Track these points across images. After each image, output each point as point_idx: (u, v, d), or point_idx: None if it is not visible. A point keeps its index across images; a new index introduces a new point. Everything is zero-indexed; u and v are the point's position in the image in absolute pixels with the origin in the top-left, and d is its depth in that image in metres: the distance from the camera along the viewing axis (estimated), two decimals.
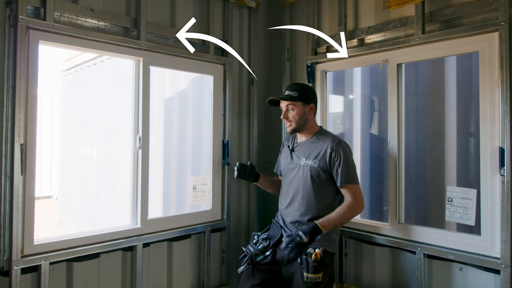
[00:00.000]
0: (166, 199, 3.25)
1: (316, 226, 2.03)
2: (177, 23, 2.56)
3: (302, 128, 2.24)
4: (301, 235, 2.00)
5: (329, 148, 2.13)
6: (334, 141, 2.15)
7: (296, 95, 2.19)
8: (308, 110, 2.23)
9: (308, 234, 2.00)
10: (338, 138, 2.19)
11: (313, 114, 2.26)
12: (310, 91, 2.28)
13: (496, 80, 1.96)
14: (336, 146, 2.12)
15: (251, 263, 2.19)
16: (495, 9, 1.97)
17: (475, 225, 2.05)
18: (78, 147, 4.91)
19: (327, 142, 2.16)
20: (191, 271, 2.63)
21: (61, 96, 5.61)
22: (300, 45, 2.92)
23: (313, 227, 2.04)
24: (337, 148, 2.12)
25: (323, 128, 2.36)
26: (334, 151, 2.11)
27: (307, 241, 2.00)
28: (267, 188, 2.54)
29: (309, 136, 2.26)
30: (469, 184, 2.36)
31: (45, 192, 8.38)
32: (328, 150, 2.13)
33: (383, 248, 2.40)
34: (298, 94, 2.19)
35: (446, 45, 2.15)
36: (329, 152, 2.12)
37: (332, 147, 2.12)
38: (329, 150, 2.12)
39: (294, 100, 2.20)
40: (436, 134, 2.59)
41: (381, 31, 2.43)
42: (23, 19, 1.88)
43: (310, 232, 2.01)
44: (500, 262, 1.90)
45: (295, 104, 2.21)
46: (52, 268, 2.01)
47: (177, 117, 3.33)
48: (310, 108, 2.23)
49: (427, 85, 2.65)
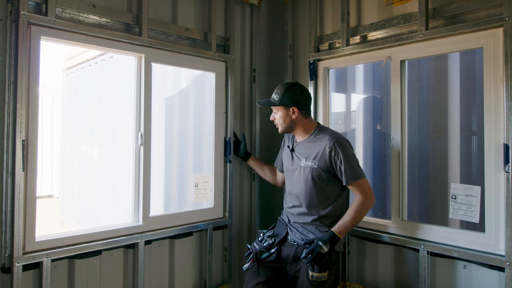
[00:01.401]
0: (168, 197, 3.24)
1: (334, 235, 2.01)
2: (179, 19, 2.55)
3: (291, 130, 2.25)
4: (321, 245, 1.96)
5: (328, 148, 2.09)
6: (332, 140, 2.10)
7: (277, 98, 2.20)
8: (292, 113, 2.18)
9: (327, 243, 1.97)
10: (336, 135, 2.14)
11: (300, 115, 2.19)
12: (293, 93, 2.17)
13: (500, 76, 1.95)
14: (334, 145, 2.07)
15: (256, 260, 2.18)
16: (499, 4, 1.95)
17: (479, 222, 2.04)
18: (79, 146, 4.91)
19: (325, 141, 2.12)
20: (193, 269, 2.62)
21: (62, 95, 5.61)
22: (303, 42, 2.90)
23: (331, 235, 2.01)
24: (335, 146, 2.07)
25: (321, 124, 2.32)
26: (333, 150, 2.07)
27: (327, 250, 1.96)
28: (256, 169, 2.75)
29: (306, 136, 2.23)
30: (473, 181, 2.35)
31: (46, 191, 8.38)
32: (327, 150, 2.09)
33: (386, 246, 2.38)
34: (278, 98, 2.20)
35: (450, 41, 2.14)
36: (328, 152, 2.08)
37: (331, 146, 2.08)
38: (328, 150, 2.09)
39: (274, 105, 2.23)
40: (440, 131, 2.57)
41: (384, 28, 2.42)
42: (25, 14, 1.87)
43: (329, 241, 1.99)
44: (504, 260, 1.89)
45: (277, 108, 2.24)
46: (54, 265, 2.00)
47: (178, 115, 3.32)
48: (293, 111, 2.18)
49: (431, 82, 2.64)
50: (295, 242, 2.16)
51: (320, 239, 1.99)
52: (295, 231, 2.18)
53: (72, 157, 5.11)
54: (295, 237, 2.17)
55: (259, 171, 2.74)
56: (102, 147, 4.35)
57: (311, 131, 2.23)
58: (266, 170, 2.68)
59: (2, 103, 1.85)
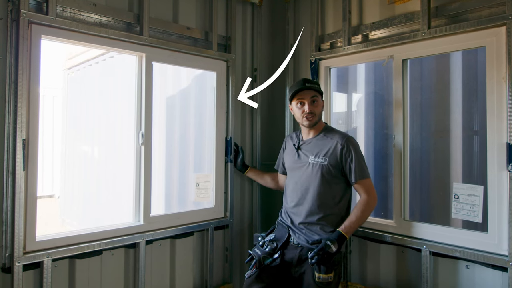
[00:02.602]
0: (169, 196, 3.24)
1: (341, 234, 2.00)
2: (180, 19, 2.54)
3: (316, 123, 2.22)
4: (330, 244, 1.95)
5: (340, 145, 2.11)
6: (343, 138, 2.14)
7: (318, 88, 2.19)
8: (323, 106, 2.24)
9: (335, 243, 1.96)
10: (346, 134, 2.18)
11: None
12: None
13: (503, 75, 1.94)
14: (346, 143, 2.11)
15: (259, 266, 2.13)
16: (502, 3, 1.94)
17: (482, 222, 2.03)
18: (80, 146, 4.90)
19: (336, 139, 2.15)
20: (194, 268, 2.61)
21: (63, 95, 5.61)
22: (304, 42, 2.89)
23: (339, 235, 2.00)
24: (347, 144, 2.11)
25: (328, 125, 2.34)
26: (345, 148, 2.10)
27: (335, 250, 1.95)
28: (258, 180, 2.75)
29: (316, 133, 2.24)
30: (475, 180, 2.33)
31: (47, 191, 8.37)
32: (339, 147, 2.11)
33: (388, 246, 2.37)
34: (319, 88, 2.20)
35: (452, 40, 2.13)
36: (340, 149, 2.10)
37: (343, 144, 2.11)
38: (339, 147, 2.11)
39: (319, 93, 2.20)
40: (442, 130, 2.56)
41: (386, 27, 2.41)
42: (25, 13, 1.86)
43: (337, 240, 1.98)
44: (507, 260, 1.88)
45: (318, 98, 2.20)
46: (55, 264, 1.99)
47: (179, 115, 3.32)
48: (323, 104, 2.26)
49: (432, 81, 2.63)
50: (299, 244, 2.13)
51: (328, 239, 1.97)
52: (299, 233, 2.15)
53: (73, 157, 5.11)
54: (299, 239, 2.14)
55: (259, 181, 2.73)
56: (103, 146, 4.34)
57: (321, 129, 2.25)
58: (267, 178, 2.65)
59: (2, 102, 1.85)
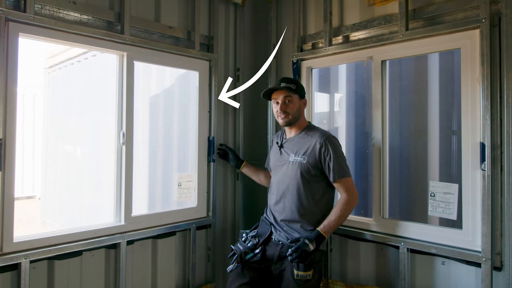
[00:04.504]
0: (152, 196, 3.22)
1: (319, 234, 2.03)
2: (162, 18, 2.53)
3: (294, 122, 2.24)
4: (308, 243, 1.97)
5: (318, 144, 2.13)
6: (323, 136, 2.15)
7: (294, 87, 2.21)
8: (302, 105, 2.26)
9: (313, 242, 1.99)
10: (327, 133, 2.20)
11: (304, 109, 2.29)
12: (303, 88, 2.32)
13: (477, 77, 1.99)
14: (325, 142, 2.12)
15: (241, 261, 2.16)
16: (476, 6, 2.00)
17: (457, 220, 2.09)
18: (61, 146, 4.82)
19: (316, 138, 2.16)
20: (176, 268, 2.61)
21: (44, 94, 5.50)
22: (286, 42, 2.92)
23: (317, 234, 2.03)
24: (326, 143, 2.12)
25: (311, 123, 2.36)
26: (323, 147, 2.11)
27: (313, 249, 1.98)
28: (252, 176, 2.68)
29: (298, 132, 2.26)
30: (452, 179, 2.40)
31: (27, 192, 8.20)
32: (317, 146, 2.13)
33: (368, 244, 2.42)
34: (295, 87, 2.21)
35: (429, 42, 2.18)
36: (318, 148, 2.12)
37: (321, 143, 2.12)
38: (318, 146, 2.12)
39: (293, 93, 2.21)
40: (420, 130, 2.62)
41: (366, 28, 2.45)
42: (2, 10, 1.83)
43: (315, 239, 2.00)
44: (481, 255, 1.94)
45: (293, 97, 2.21)
46: (33, 266, 1.96)
47: (162, 114, 3.30)
48: (303, 103, 2.27)
49: (411, 82, 2.68)
50: (279, 242, 2.16)
51: (307, 237, 2.01)
52: (280, 230, 2.18)
53: (54, 157, 5.02)
54: (280, 236, 2.17)
55: (254, 178, 2.69)
56: (84, 146, 4.28)
57: (303, 128, 2.27)
58: (261, 175, 2.63)
59: None
